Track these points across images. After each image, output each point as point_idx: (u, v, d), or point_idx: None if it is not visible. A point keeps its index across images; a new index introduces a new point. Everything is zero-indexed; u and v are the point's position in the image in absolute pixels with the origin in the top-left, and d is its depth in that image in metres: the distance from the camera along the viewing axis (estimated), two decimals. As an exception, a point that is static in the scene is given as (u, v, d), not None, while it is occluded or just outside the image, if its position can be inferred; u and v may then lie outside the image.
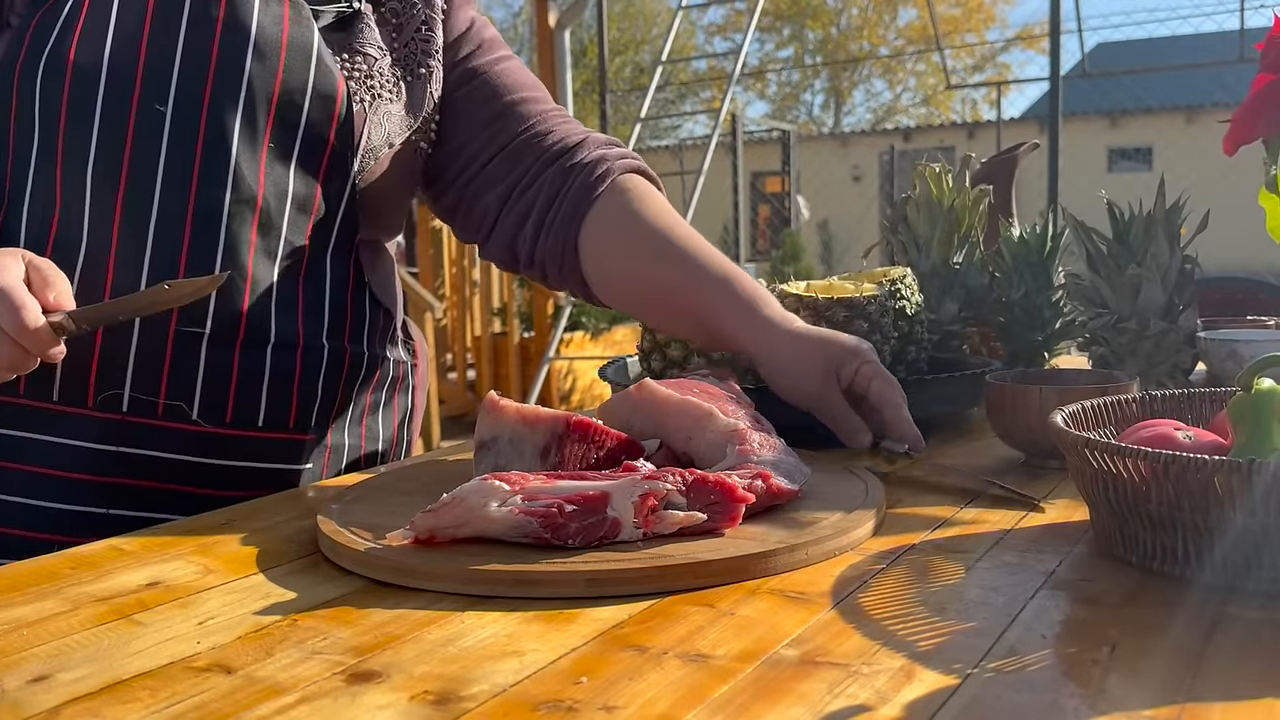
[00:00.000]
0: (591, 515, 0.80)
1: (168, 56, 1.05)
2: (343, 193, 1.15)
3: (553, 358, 6.50)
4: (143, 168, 1.05)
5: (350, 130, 1.14)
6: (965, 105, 24.98)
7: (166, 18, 1.06)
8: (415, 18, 1.22)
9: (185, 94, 1.05)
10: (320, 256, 1.15)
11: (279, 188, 1.10)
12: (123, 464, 1.07)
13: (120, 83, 1.04)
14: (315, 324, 1.15)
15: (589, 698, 0.59)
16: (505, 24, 26.51)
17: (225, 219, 1.07)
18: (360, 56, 1.16)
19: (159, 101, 1.05)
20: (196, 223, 1.06)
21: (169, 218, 1.05)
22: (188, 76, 1.06)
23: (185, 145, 1.05)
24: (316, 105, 1.11)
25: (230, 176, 1.07)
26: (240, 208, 1.08)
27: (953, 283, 1.51)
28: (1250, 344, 1.28)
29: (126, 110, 1.04)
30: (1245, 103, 0.96)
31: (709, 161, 6.99)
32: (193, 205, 1.06)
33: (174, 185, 1.05)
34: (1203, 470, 0.71)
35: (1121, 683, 0.59)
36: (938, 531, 0.88)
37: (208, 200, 1.06)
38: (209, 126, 1.06)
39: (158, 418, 1.07)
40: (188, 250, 1.06)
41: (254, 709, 0.59)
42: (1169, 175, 1.54)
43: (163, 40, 1.06)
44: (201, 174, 1.06)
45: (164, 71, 1.05)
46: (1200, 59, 8.93)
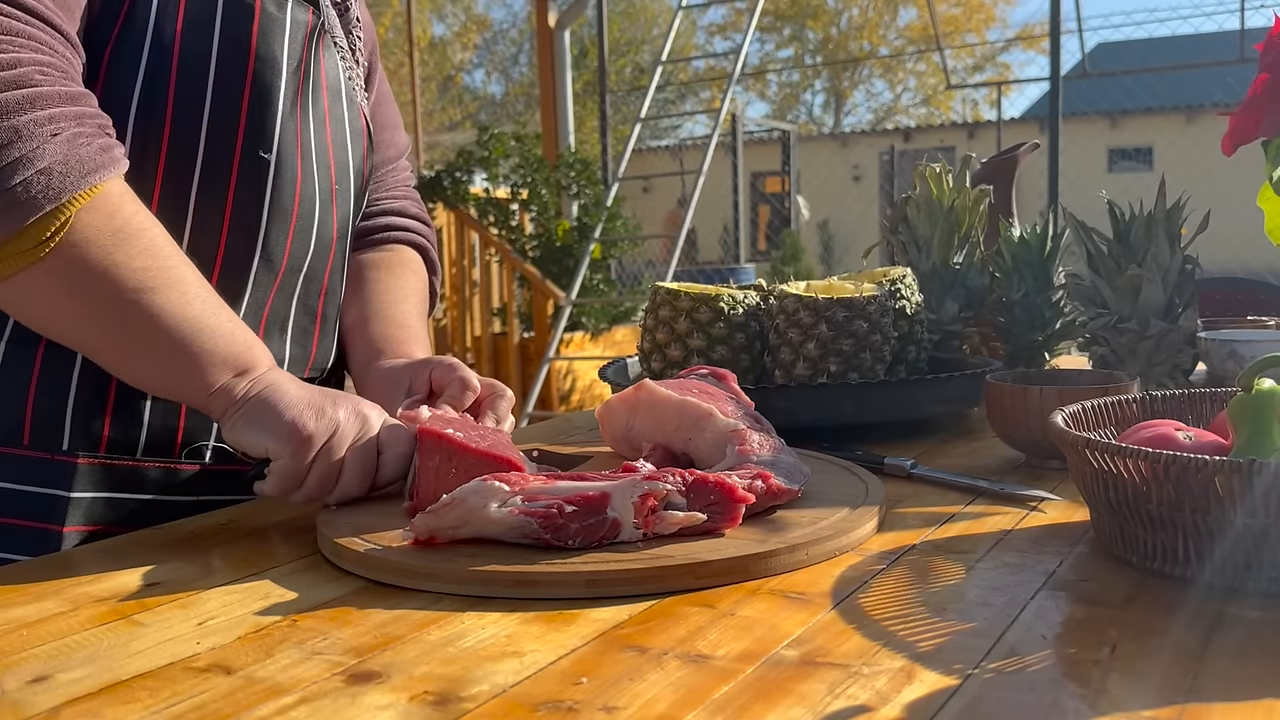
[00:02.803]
0: (591, 516, 0.80)
1: (272, 101, 1.03)
2: (360, 213, 1.21)
3: (553, 358, 6.50)
4: (246, 215, 1.04)
5: (371, 155, 1.19)
6: (965, 105, 24.98)
7: (267, 55, 1.03)
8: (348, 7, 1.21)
9: (286, 142, 1.05)
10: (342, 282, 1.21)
11: (343, 228, 1.15)
12: (202, 512, 1.07)
13: (225, 120, 1.02)
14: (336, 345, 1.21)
15: (589, 698, 0.59)
16: (505, 24, 26.53)
17: (307, 266, 1.11)
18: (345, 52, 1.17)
19: (264, 149, 1.03)
20: (288, 272, 1.09)
21: (268, 267, 1.07)
22: (289, 123, 1.05)
23: (284, 193, 1.06)
24: (355, 142, 1.15)
25: (315, 224, 1.10)
26: (321, 252, 1.12)
27: (953, 283, 1.51)
28: (1250, 344, 1.28)
29: (230, 156, 1.02)
30: (1244, 103, 0.96)
31: (709, 161, 6.98)
32: (288, 254, 1.08)
33: (274, 235, 1.06)
34: (1203, 470, 0.71)
35: (1121, 683, 0.59)
36: (938, 531, 0.88)
37: (299, 249, 1.09)
38: (304, 175, 1.07)
39: (236, 462, 1.07)
40: (274, 298, 1.09)
41: (254, 709, 0.59)
42: (1169, 175, 1.54)
43: (267, 80, 1.03)
44: (298, 224, 1.08)
45: (270, 116, 1.03)
46: (1200, 59, 8.93)
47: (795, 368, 1.28)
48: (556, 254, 7.02)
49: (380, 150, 1.31)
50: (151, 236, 0.91)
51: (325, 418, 0.92)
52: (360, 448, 0.93)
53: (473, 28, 25.31)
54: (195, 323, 0.91)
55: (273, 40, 1.03)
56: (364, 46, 1.24)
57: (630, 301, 7.15)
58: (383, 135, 1.31)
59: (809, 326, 1.27)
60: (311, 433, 0.90)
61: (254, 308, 1.07)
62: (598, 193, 7.15)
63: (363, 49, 1.23)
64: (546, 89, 8.06)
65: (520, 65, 25.35)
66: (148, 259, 0.90)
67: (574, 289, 6.63)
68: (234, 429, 0.92)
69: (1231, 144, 0.97)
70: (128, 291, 0.88)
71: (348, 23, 1.20)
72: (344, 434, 0.92)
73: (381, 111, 1.31)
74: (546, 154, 7.61)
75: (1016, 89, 38.37)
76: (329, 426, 0.91)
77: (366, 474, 0.93)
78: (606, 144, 8.36)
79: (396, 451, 0.94)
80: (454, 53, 24.80)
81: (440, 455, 0.89)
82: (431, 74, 22.74)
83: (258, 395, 0.92)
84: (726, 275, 9.10)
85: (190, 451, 1.06)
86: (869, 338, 1.27)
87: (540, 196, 7.04)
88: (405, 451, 0.94)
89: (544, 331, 6.77)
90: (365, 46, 1.25)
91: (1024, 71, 28.61)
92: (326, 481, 0.92)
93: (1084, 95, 16.94)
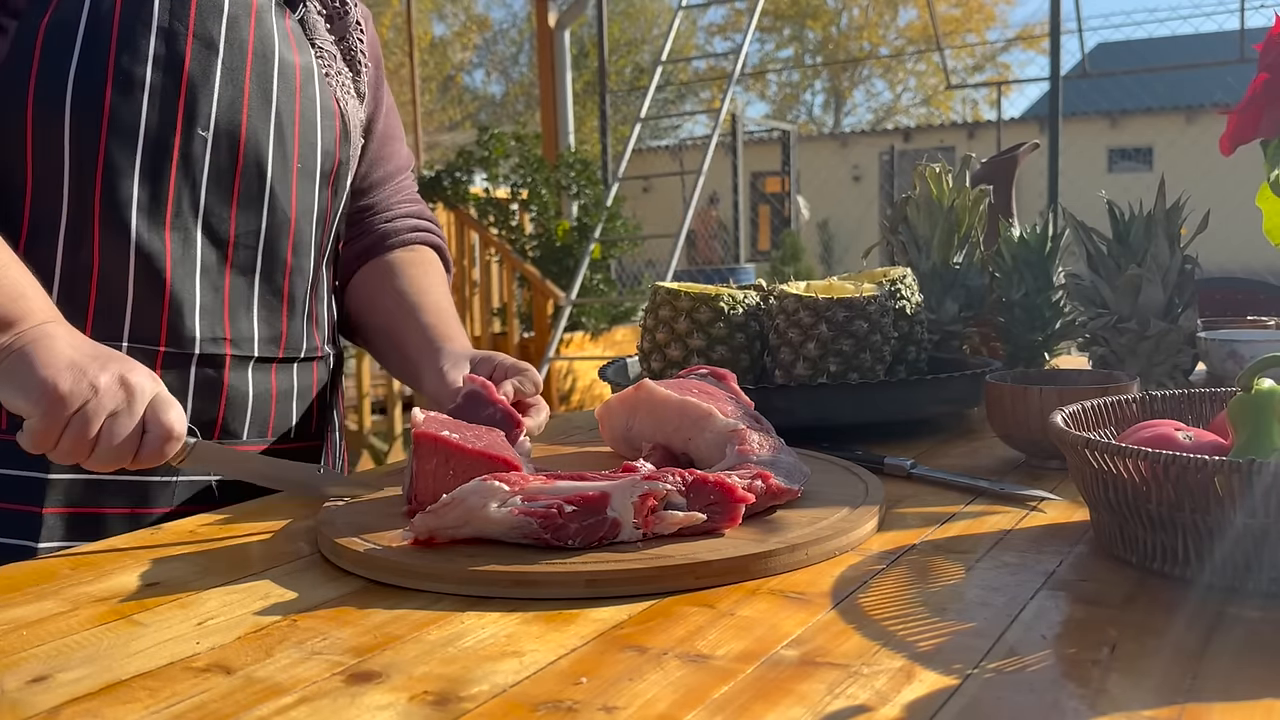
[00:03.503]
0: (591, 516, 0.80)
1: (209, 79, 1.05)
2: (340, 200, 1.21)
3: (553, 358, 6.50)
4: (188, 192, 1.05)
5: (349, 140, 1.19)
6: (965, 105, 24.98)
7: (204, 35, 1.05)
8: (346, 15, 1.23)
9: (224, 119, 1.06)
10: (321, 266, 1.21)
11: (307, 206, 1.15)
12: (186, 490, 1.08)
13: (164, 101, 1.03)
14: (323, 334, 1.22)
15: (589, 698, 0.59)
16: (505, 24, 26.53)
17: (262, 243, 1.11)
18: (324, 53, 1.19)
19: (201, 126, 1.05)
20: (237, 248, 1.09)
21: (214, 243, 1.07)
22: (226, 100, 1.06)
23: (223, 170, 1.07)
24: (326, 124, 1.15)
25: (266, 200, 1.10)
26: (276, 231, 1.12)
27: (953, 283, 1.51)
28: (1250, 344, 1.28)
29: (171, 132, 1.04)
30: (1243, 103, 0.96)
31: (709, 161, 6.98)
32: (233, 230, 1.08)
33: (214, 211, 1.07)
34: (1203, 470, 0.71)
35: (1121, 683, 0.59)
36: (938, 531, 0.88)
37: (246, 224, 1.09)
38: (246, 151, 1.08)
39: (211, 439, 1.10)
40: (229, 275, 1.09)
41: (254, 709, 0.59)
42: (1169, 175, 1.54)
43: (204, 59, 1.05)
44: (240, 199, 1.08)
45: (205, 94, 1.05)
46: (1200, 59, 8.92)
47: (795, 368, 1.28)
48: (556, 254, 7.02)
49: (390, 160, 1.34)
50: None
51: (84, 381, 0.87)
52: (119, 417, 0.88)
53: (473, 28, 25.31)
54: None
55: (209, 19, 1.05)
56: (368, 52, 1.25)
57: (630, 301, 7.15)
58: (390, 147, 1.34)
59: (809, 326, 1.27)
60: (64, 394, 0.86)
61: (211, 284, 1.08)
62: (598, 193, 7.15)
63: (366, 53, 1.24)
64: (546, 89, 8.06)
65: (520, 65, 25.35)
66: None
67: (574, 289, 6.63)
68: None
69: (1230, 144, 0.97)
70: None
71: (345, 27, 1.22)
72: (101, 401, 0.87)
73: (391, 123, 1.34)
74: (546, 154, 7.61)
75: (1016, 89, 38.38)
76: (86, 391, 0.87)
77: (123, 448, 0.88)
78: (606, 144, 8.36)
79: (156, 433, 0.89)
80: (454, 53, 24.80)
81: (437, 457, 0.89)
82: (431, 74, 22.74)
83: (19, 350, 0.88)
84: (726, 275, 9.10)
85: None
86: (869, 338, 1.27)
87: (540, 196, 7.04)
88: (163, 434, 0.89)
89: (544, 331, 6.77)
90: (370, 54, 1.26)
91: (1024, 71, 28.61)
92: (79, 447, 0.87)
93: (1084, 95, 16.94)
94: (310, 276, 1.18)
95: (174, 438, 0.90)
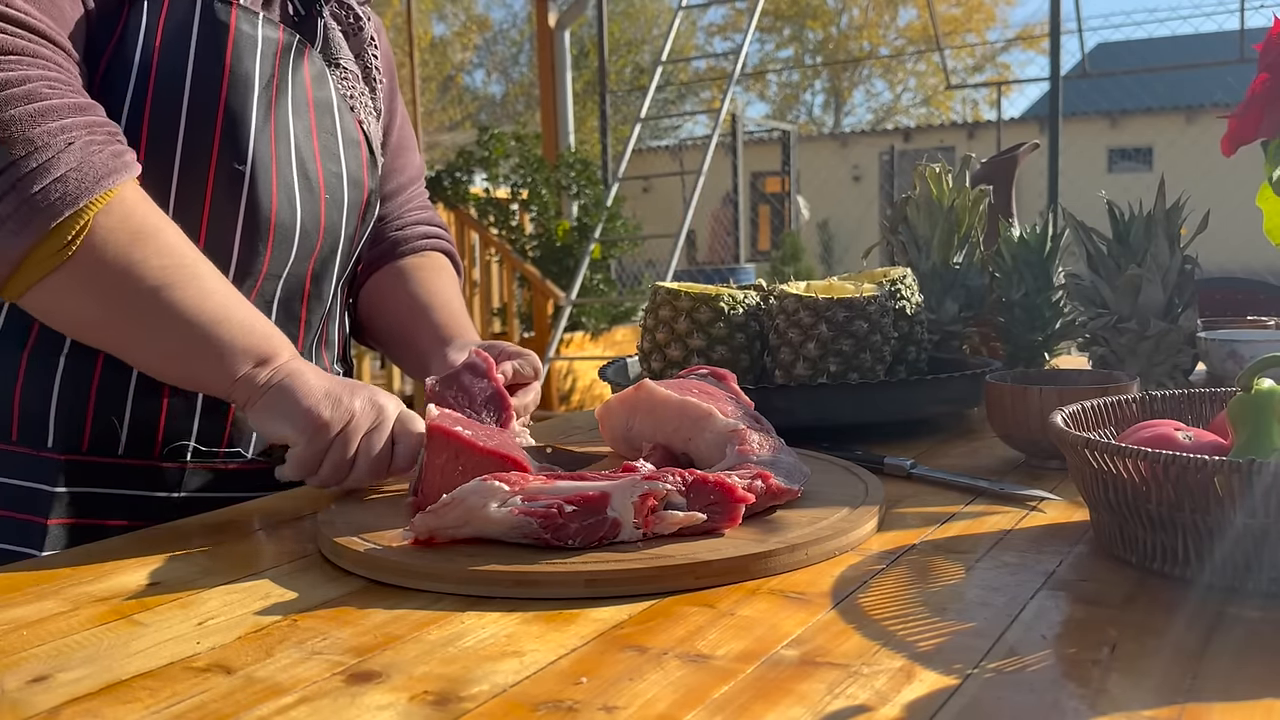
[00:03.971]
0: (591, 515, 0.80)
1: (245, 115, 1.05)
2: (368, 225, 1.22)
3: (553, 358, 6.50)
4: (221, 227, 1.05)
5: (376, 166, 1.20)
6: (965, 105, 24.98)
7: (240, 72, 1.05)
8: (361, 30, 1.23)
9: (260, 154, 1.06)
10: (340, 289, 1.22)
11: (333, 238, 1.15)
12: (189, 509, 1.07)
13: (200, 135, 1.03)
14: (332, 353, 1.23)
15: (589, 698, 0.59)
16: (505, 24, 26.52)
17: (286, 274, 1.11)
18: (348, 73, 1.19)
19: (238, 161, 1.05)
20: (266, 279, 1.10)
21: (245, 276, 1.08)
22: (263, 136, 1.06)
23: (259, 203, 1.06)
24: (350, 154, 1.16)
25: (297, 232, 1.10)
26: (304, 256, 1.12)
27: (953, 283, 1.51)
28: (1250, 344, 1.28)
29: (205, 170, 1.04)
30: (1243, 103, 0.96)
31: (709, 161, 6.98)
32: (267, 263, 1.09)
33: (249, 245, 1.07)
34: (1203, 470, 0.71)
35: (1121, 683, 0.59)
36: (938, 531, 0.88)
37: (278, 258, 1.10)
38: (280, 186, 1.08)
39: (218, 460, 1.11)
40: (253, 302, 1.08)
41: (254, 709, 0.59)
42: (1169, 175, 1.54)
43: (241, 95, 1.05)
44: (277, 234, 1.08)
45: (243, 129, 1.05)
46: (1200, 59, 8.92)
47: (795, 368, 1.28)
48: (556, 254, 7.02)
49: (403, 171, 1.34)
50: (168, 236, 0.94)
51: (341, 407, 0.95)
52: (373, 435, 0.96)
53: (473, 28, 25.31)
54: (214, 315, 0.94)
55: (245, 57, 1.05)
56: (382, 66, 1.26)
57: (630, 301, 7.15)
58: (404, 158, 1.35)
59: (809, 326, 1.27)
60: (327, 421, 0.94)
61: None
62: (598, 193, 7.15)
63: (380, 68, 1.25)
64: (546, 89, 8.06)
65: (520, 65, 25.35)
66: (165, 258, 0.93)
67: (574, 289, 6.63)
68: (256, 416, 0.96)
69: (1231, 145, 0.97)
70: (148, 289, 0.92)
71: (360, 43, 1.22)
72: (359, 423, 0.95)
73: (405, 134, 1.35)
74: (546, 154, 7.61)
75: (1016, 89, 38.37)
76: (344, 415, 0.95)
77: (380, 462, 0.96)
78: (606, 144, 8.36)
79: (408, 443, 0.97)
80: (454, 53, 24.80)
81: (448, 452, 0.89)
82: (431, 74, 22.74)
83: (278, 384, 0.95)
84: (726, 275, 9.10)
85: (171, 451, 1.08)
86: (869, 338, 1.27)
87: (540, 196, 7.04)
88: (416, 443, 0.96)
89: (544, 331, 6.77)
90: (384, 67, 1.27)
91: (1024, 71, 28.60)
92: (340, 468, 0.95)
93: (1084, 95, 16.94)
94: (327, 303, 1.18)
95: (419, 445, 0.94)
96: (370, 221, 1.23)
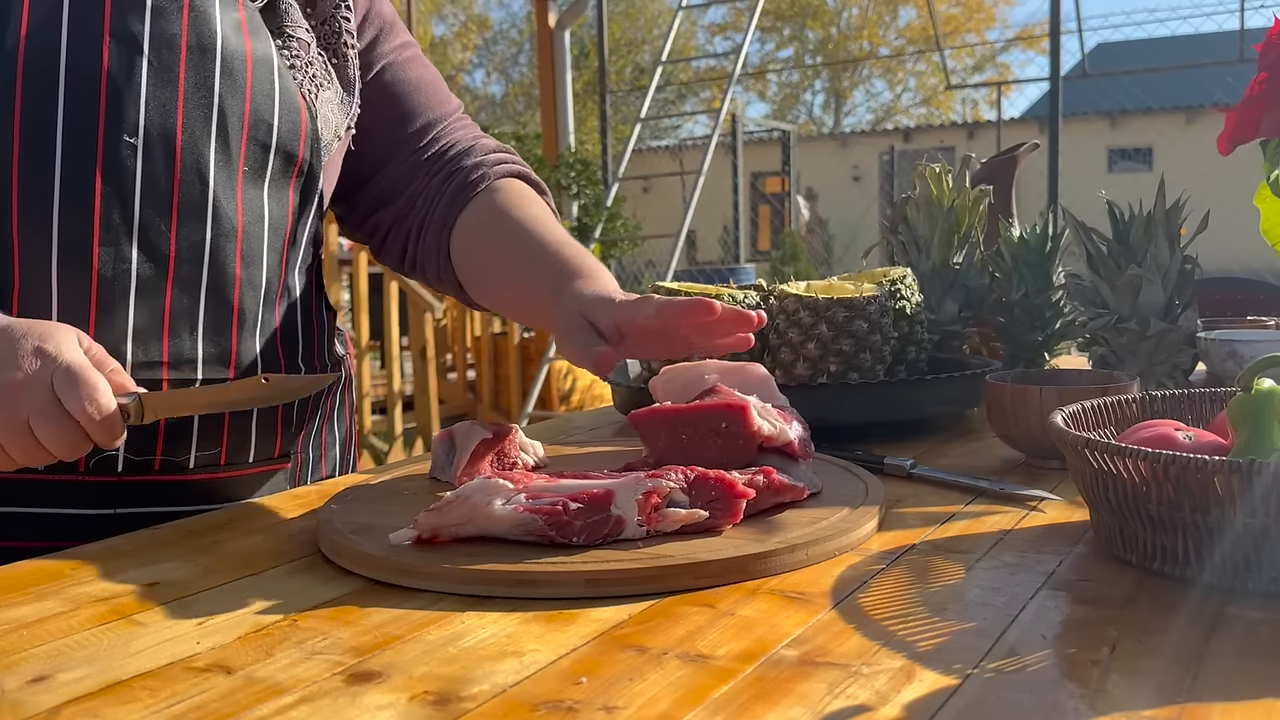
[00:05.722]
0: (596, 513, 0.80)
1: (134, 81, 0.96)
2: (310, 204, 1.11)
3: (553, 358, 6.50)
4: (118, 206, 0.97)
5: (316, 138, 1.09)
6: (965, 105, 24.98)
7: (123, 32, 0.96)
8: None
9: (155, 123, 0.97)
10: (289, 276, 1.11)
11: (256, 213, 1.04)
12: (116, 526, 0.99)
13: (82, 109, 0.95)
14: (291, 348, 1.12)
15: (589, 698, 0.59)
16: (505, 24, 26.52)
17: (208, 255, 1.01)
18: (295, 41, 1.09)
19: (128, 133, 0.96)
20: (179, 263, 1.00)
21: (152, 259, 0.99)
22: (157, 102, 0.97)
23: (158, 179, 0.98)
24: (285, 119, 1.05)
25: (210, 209, 1.01)
26: (222, 241, 1.02)
27: (953, 283, 1.51)
28: (1250, 344, 1.28)
29: (92, 142, 0.95)
30: (1242, 102, 0.96)
31: (709, 161, 6.99)
32: (174, 243, 0.99)
33: (152, 224, 0.98)
34: (1203, 470, 0.71)
35: (1121, 683, 0.59)
36: (938, 531, 0.88)
37: (189, 236, 1.00)
38: (184, 156, 0.99)
39: (153, 473, 1.02)
40: (171, 292, 1.00)
41: (254, 709, 0.59)
42: (1169, 175, 1.53)
43: (126, 59, 0.96)
44: (180, 209, 0.99)
45: (131, 97, 0.96)
46: (1200, 59, 8.92)
47: (795, 368, 1.28)
48: (557, 254, 7.01)
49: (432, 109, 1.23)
50: None
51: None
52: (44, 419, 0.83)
53: (473, 28, 25.32)
54: None
55: (129, 15, 0.96)
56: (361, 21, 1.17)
57: (630, 301, 7.13)
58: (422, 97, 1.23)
59: (809, 326, 1.27)
60: None
61: (148, 304, 0.99)
62: (598, 193, 7.15)
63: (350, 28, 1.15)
64: (546, 89, 8.07)
65: (520, 65, 25.36)
66: None
67: (574, 289, 6.61)
68: None
69: (1229, 144, 0.97)
70: None
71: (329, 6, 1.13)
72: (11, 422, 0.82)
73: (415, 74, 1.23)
74: (546, 154, 7.61)
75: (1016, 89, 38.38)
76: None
77: (68, 442, 0.84)
78: (606, 144, 8.36)
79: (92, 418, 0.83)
80: (454, 53, 24.81)
81: (664, 428, 0.94)
82: (432, 74, 22.70)
83: None
84: (726, 275, 9.10)
85: (99, 463, 0.99)
86: (869, 338, 1.27)
87: (540, 196, 7.04)
88: (97, 415, 0.82)
89: (544, 331, 6.76)
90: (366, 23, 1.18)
91: (1024, 71, 28.60)
92: (28, 457, 0.84)
93: (1084, 95, 16.93)
94: (263, 289, 1.06)
95: (107, 413, 0.82)
96: (313, 197, 1.10)
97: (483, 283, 1.19)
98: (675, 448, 0.94)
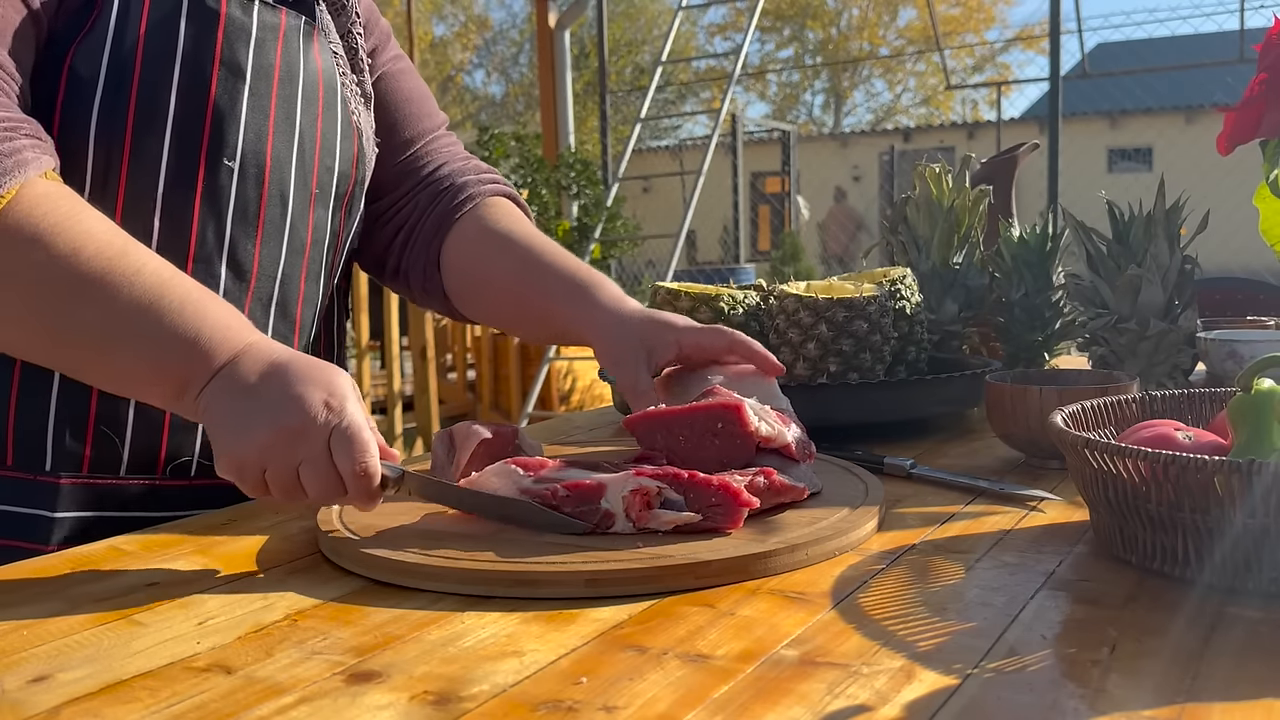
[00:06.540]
0: (585, 503, 0.83)
1: (236, 109, 1.01)
2: (354, 218, 1.17)
3: (553, 358, 6.49)
4: (213, 224, 1.02)
5: (364, 157, 1.15)
6: (965, 105, 24.98)
7: (231, 61, 1.01)
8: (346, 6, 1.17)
9: (250, 148, 1.03)
10: (331, 290, 1.17)
11: (320, 232, 1.11)
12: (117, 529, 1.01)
13: (189, 130, 0.99)
14: (330, 356, 1.19)
15: (589, 698, 0.59)
16: (505, 24, 26.53)
17: (280, 272, 1.07)
18: (340, 60, 1.14)
19: (228, 157, 1.01)
20: (259, 280, 1.06)
21: (238, 276, 1.04)
22: (253, 129, 1.03)
23: (249, 201, 1.03)
24: (345, 143, 1.12)
25: (287, 229, 1.07)
26: (294, 259, 1.09)
27: (953, 283, 1.51)
28: (1250, 344, 1.28)
29: (195, 163, 1.00)
30: (1241, 102, 0.96)
31: (709, 162, 6.98)
32: (257, 262, 1.05)
33: (240, 244, 1.03)
34: (1203, 470, 0.71)
35: (1121, 683, 0.59)
36: (938, 531, 0.88)
37: (268, 255, 1.06)
38: (271, 180, 1.04)
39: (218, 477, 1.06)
40: (249, 307, 1.05)
41: (254, 709, 0.59)
42: (1168, 175, 1.54)
43: (231, 87, 1.01)
44: (265, 230, 1.05)
45: (233, 124, 1.01)
46: (1200, 59, 8.92)
47: (795, 368, 1.28)
48: (557, 254, 7.01)
49: (421, 121, 1.26)
50: (77, 233, 0.84)
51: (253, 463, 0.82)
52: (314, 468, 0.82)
53: (473, 28, 25.32)
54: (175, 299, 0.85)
55: (237, 45, 1.01)
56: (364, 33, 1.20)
57: (630, 302, 7.13)
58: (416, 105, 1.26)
59: (809, 326, 1.27)
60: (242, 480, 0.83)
61: None
62: (598, 193, 7.15)
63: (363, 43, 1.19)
64: (546, 89, 8.06)
65: (520, 65, 25.36)
66: (79, 259, 0.84)
67: (574, 289, 6.61)
68: None
69: (1228, 144, 0.97)
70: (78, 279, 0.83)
71: (345, 22, 1.17)
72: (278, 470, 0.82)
73: (407, 85, 1.26)
74: (546, 154, 7.61)
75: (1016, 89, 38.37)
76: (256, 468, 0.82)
77: (326, 489, 0.83)
78: (606, 144, 8.36)
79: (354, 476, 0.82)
80: (454, 53, 24.81)
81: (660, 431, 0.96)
82: (432, 74, 22.76)
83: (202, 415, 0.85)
84: (726, 275, 9.10)
85: (175, 468, 1.05)
86: (869, 338, 1.27)
87: (540, 196, 7.04)
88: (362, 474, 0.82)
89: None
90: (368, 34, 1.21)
91: (1024, 71, 28.58)
92: (287, 496, 0.83)
93: (1084, 95, 16.93)
94: (319, 303, 1.14)
95: (373, 477, 0.82)
96: (355, 216, 1.17)
97: (476, 293, 1.22)
98: (674, 449, 0.94)
